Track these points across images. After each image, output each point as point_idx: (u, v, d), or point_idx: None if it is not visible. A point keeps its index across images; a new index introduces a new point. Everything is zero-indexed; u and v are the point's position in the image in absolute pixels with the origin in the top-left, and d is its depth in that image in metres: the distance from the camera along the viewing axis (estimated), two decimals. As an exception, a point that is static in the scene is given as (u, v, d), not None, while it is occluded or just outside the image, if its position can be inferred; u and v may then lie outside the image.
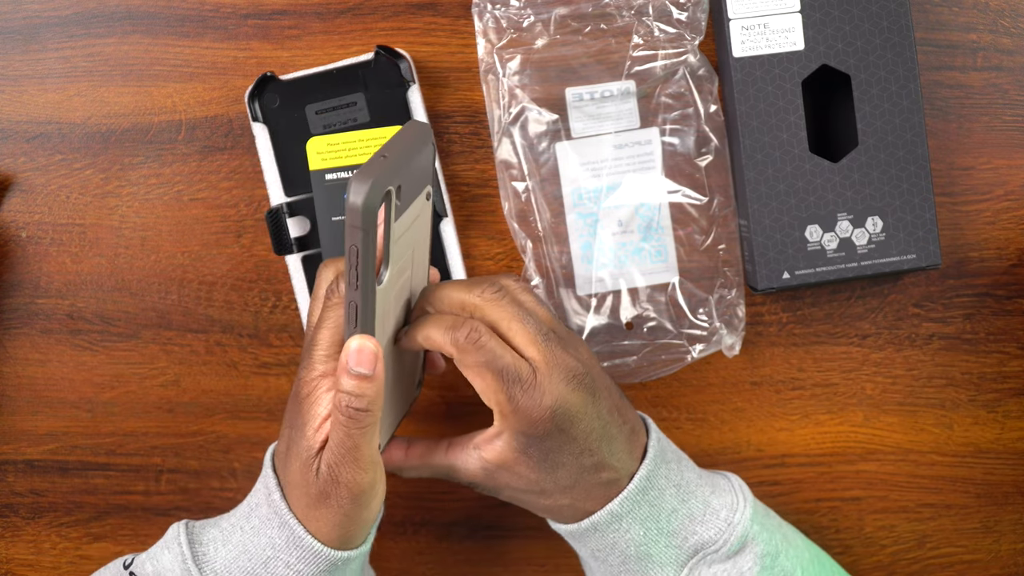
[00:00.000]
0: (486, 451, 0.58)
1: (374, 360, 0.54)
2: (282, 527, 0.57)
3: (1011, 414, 0.72)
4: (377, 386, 0.54)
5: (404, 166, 0.53)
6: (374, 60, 0.68)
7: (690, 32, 0.68)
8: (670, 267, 0.70)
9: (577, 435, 0.57)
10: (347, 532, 0.57)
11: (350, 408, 0.54)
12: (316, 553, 0.56)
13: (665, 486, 0.59)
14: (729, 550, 0.59)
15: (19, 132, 0.71)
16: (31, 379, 0.72)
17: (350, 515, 0.56)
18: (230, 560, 0.57)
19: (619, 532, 0.58)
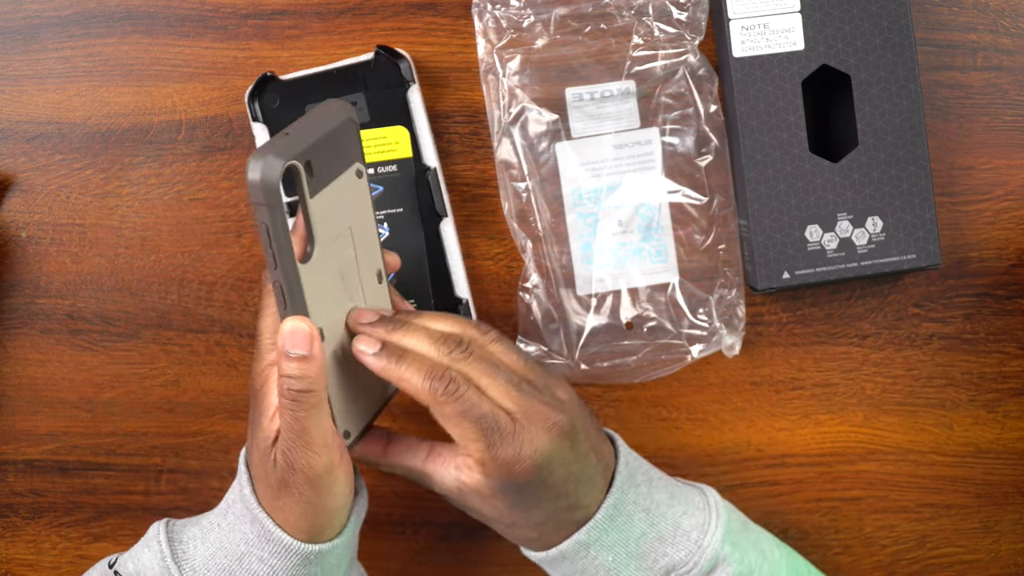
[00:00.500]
0: (464, 475, 0.57)
1: (308, 340, 0.53)
2: (253, 522, 0.57)
3: (1011, 414, 0.72)
4: (316, 366, 0.53)
5: (311, 142, 0.53)
6: (374, 60, 0.68)
7: (690, 32, 0.68)
8: (670, 267, 0.70)
9: (555, 482, 0.56)
10: (314, 522, 0.56)
11: (291, 391, 0.53)
12: (287, 547, 0.56)
13: (633, 511, 0.59)
14: (700, 572, 0.59)
15: (19, 132, 0.71)
16: (31, 379, 0.72)
17: (312, 502, 0.55)
18: (208, 557, 0.58)
19: (588, 559, 0.58)
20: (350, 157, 0.57)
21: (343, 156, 0.56)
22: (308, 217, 0.54)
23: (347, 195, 0.57)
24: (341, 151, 0.56)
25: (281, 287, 0.53)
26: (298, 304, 0.54)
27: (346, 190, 0.56)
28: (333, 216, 0.55)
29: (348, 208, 0.57)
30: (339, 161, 0.56)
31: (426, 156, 0.68)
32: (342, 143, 0.56)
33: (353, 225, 0.57)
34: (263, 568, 0.57)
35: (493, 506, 0.57)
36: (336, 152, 0.55)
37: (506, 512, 0.57)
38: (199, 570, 0.58)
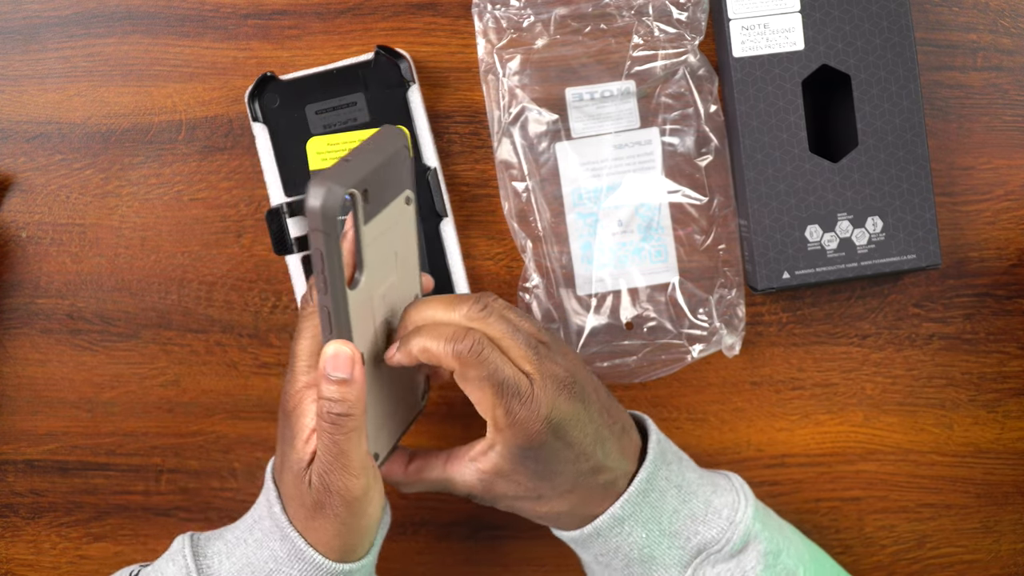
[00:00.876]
0: (482, 463, 0.57)
1: (351, 364, 0.53)
2: (283, 540, 0.57)
3: (1011, 414, 0.72)
4: (357, 390, 0.54)
5: (370, 169, 0.53)
6: (374, 60, 0.68)
7: (690, 32, 0.68)
8: (670, 267, 0.70)
9: (572, 441, 0.57)
10: (347, 542, 0.56)
11: (331, 414, 0.53)
12: (318, 566, 0.56)
13: (666, 487, 0.59)
14: (732, 549, 0.59)
15: (19, 132, 0.71)
16: (31, 379, 0.72)
17: (347, 524, 0.56)
18: (234, 573, 0.57)
19: (622, 536, 0.58)
20: (402, 184, 0.57)
21: (396, 183, 0.56)
22: (360, 244, 0.54)
23: (396, 221, 0.57)
24: (394, 178, 0.56)
25: (328, 312, 0.53)
26: (343, 329, 0.54)
27: (396, 216, 0.56)
28: (382, 242, 0.56)
29: (396, 234, 0.57)
30: (392, 188, 0.56)
31: (426, 156, 0.68)
32: (396, 170, 0.56)
33: (399, 250, 0.57)
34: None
35: (517, 483, 0.57)
36: (390, 179, 0.55)
37: (531, 485, 0.57)
38: None
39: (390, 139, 0.55)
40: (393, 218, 0.56)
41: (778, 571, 0.60)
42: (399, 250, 0.58)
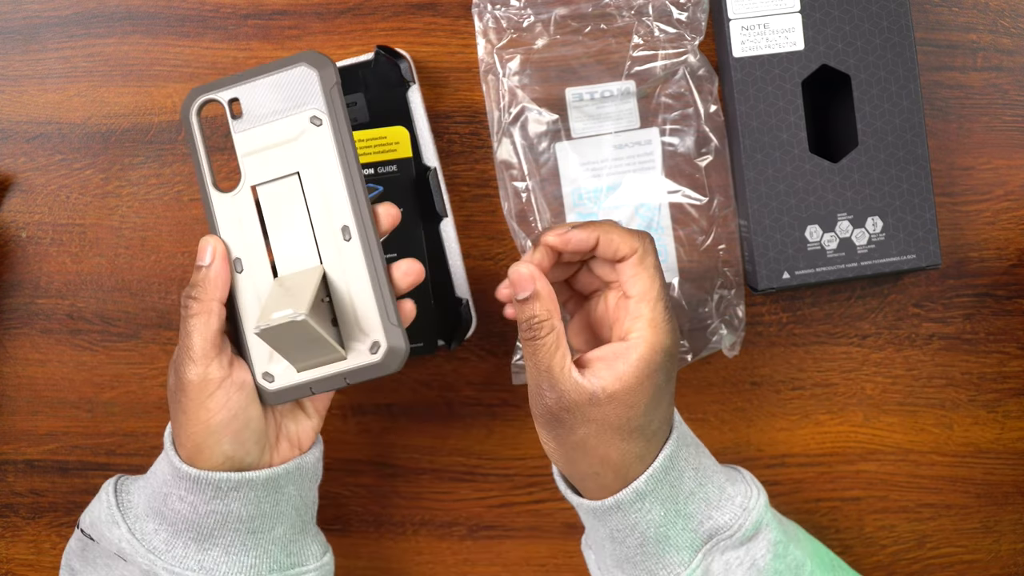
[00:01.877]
0: (628, 360, 0.57)
1: (211, 252, 0.58)
2: (167, 461, 0.59)
3: (1011, 414, 0.72)
4: (207, 274, 0.58)
5: (243, 83, 0.59)
6: (374, 60, 0.68)
7: (690, 32, 0.68)
8: (670, 267, 0.70)
9: (674, 376, 0.59)
10: (190, 439, 0.58)
11: (184, 297, 0.58)
12: (194, 479, 0.58)
13: (685, 468, 0.60)
14: (743, 536, 0.60)
15: (19, 132, 0.71)
16: (31, 379, 0.72)
17: (188, 412, 0.57)
18: (145, 503, 0.60)
19: (640, 512, 0.59)
20: (304, 103, 0.59)
21: (294, 101, 0.59)
22: (236, 151, 0.59)
23: (294, 140, 0.59)
24: (292, 96, 0.58)
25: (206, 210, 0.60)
26: (213, 229, 0.60)
27: (291, 135, 0.59)
28: (271, 157, 0.59)
29: (296, 154, 0.59)
30: (286, 105, 0.59)
31: (426, 156, 0.68)
32: (295, 88, 0.58)
33: (303, 172, 0.59)
34: (184, 506, 0.59)
35: (628, 405, 0.57)
36: (282, 96, 0.58)
37: (639, 410, 0.57)
38: (140, 516, 0.60)
39: (297, 60, 0.58)
40: (287, 135, 0.59)
41: (788, 562, 0.60)
42: (303, 171, 0.59)
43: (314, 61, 0.58)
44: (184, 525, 0.59)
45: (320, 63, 0.58)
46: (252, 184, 0.59)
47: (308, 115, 0.58)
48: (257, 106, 0.59)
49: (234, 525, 0.59)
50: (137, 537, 0.59)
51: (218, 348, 0.58)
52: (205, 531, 0.59)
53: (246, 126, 0.59)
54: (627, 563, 0.60)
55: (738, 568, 0.59)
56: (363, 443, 0.72)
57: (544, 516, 0.73)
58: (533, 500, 0.73)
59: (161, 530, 0.59)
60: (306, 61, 0.58)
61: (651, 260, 0.59)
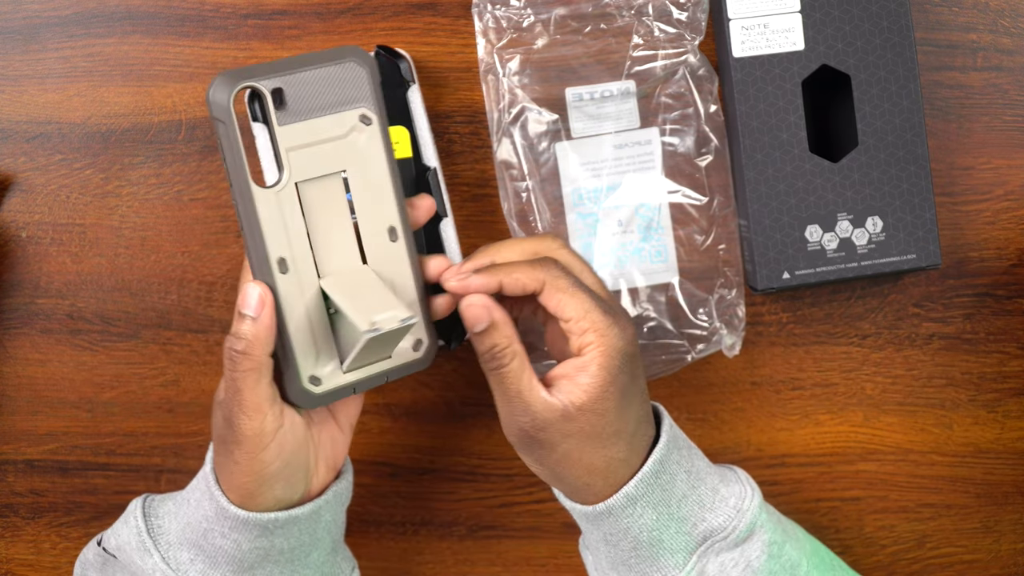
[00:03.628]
0: (587, 375, 0.56)
1: (261, 303, 0.54)
2: (211, 499, 0.58)
3: (1011, 414, 0.72)
4: (260, 330, 0.54)
5: (285, 71, 0.54)
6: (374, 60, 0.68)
7: (690, 32, 0.68)
8: (670, 267, 0.70)
9: (639, 372, 0.58)
10: (244, 485, 0.57)
11: (232, 350, 0.55)
12: (242, 520, 0.57)
13: (676, 471, 0.60)
14: (737, 537, 0.60)
15: (19, 132, 0.71)
16: (31, 379, 0.72)
17: (241, 464, 0.56)
18: (179, 531, 0.59)
19: (632, 516, 0.59)
20: (353, 100, 0.56)
21: (340, 96, 0.56)
22: (275, 144, 0.55)
23: (344, 138, 0.57)
24: (338, 91, 0.56)
25: (238, 208, 0.54)
26: (253, 228, 0.54)
27: (339, 132, 0.56)
28: (316, 154, 0.56)
29: (342, 152, 0.57)
30: (332, 100, 0.56)
31: (426, 156, 0.68)
32: (342, 84, 0.56)
33: (350, 171, 0.57)
34: (227, 543, 0.58)
35: (599, 413, 0.57)
36: (329, 91, 0.56)
37: (611, 417, 0.57)
38: (173, 544, 0.59)
39: (343, 54, 0.56)
40: (334, 132, 0.56)
41: (782, 562, 0.60)
42: (350, 171, 0.57)
43: (362, 58, 0.56)
44: (224, 559, 0.58)
45: (367, 61, 0.56)
46: (296, 180, 0.56)
47: (358, 113, 0.57)
48: (302, 99, 0.55)
49: (275, 557, 0.59)
50: (172, 567, 0.59)
51: (270, 399, 0.56)
52: (246, 565, 0.59)
53: (290, 119, 0.55)
54: (622, 566, 0.60)
55: (733, 569, 0.59)
56: (363, 443, 0.72)
57: (544, 516, 0.73)
58: (533, 500, 0.73)
59: (197, 561, 0.59)
60: (354, 58, 0.56)
61: (564, 282, 0.57)
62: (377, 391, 0.72)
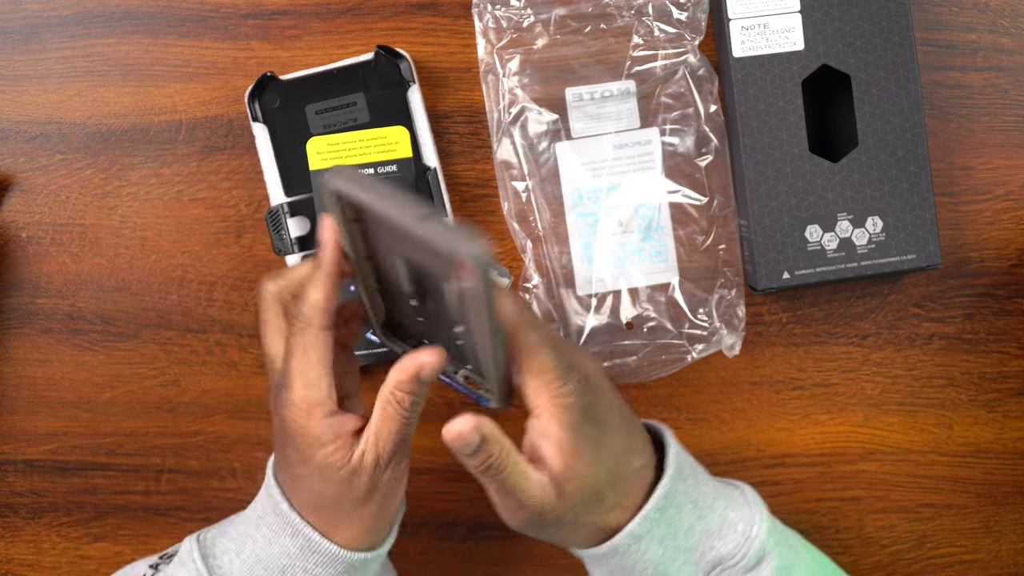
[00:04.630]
0: (547, 451, 0.55)
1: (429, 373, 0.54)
2: (295, 535, 0.56)
3: (1011, 414, 0.72)
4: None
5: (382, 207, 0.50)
6: (374, 60, 0.68)
7: (690, 32, 0.68)
8: (670, 267, 0.70)
9: (609, 408, 0.57)
10: (377, 532, 0.58)
11: (409, 401, 0.55)
12: (333, 556, 0.56)
13: (683, 502, 0.59)
14: (747, 565, 0.59)
15: (19, 132, 0.71)
16: (31, 379, 0.72)
17: (381, 513, 0.57)
18: (246, 570, 0.57)
19: (638, 553, 0.58)
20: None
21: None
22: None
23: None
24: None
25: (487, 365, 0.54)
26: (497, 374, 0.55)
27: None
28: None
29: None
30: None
31: (426, 156, 0.68)
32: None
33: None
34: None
35: (579, 472, 0.55)
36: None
37: (589, 471, 0.55)
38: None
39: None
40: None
41: None
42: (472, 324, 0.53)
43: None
44: None
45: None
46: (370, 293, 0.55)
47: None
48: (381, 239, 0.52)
49: None
50: None
51: (406, 448, 0.56)
52: None
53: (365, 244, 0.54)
54: None
55: None
56: (363, 443, 0.72)
57: (544, 516, 0.73)
58: (533, 500, 0.73)
59: None
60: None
61: (534, 337, 0.54)
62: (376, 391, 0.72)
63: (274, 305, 0.57)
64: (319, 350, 0.55)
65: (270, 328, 0.57)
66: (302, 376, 0.54)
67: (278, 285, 0.57)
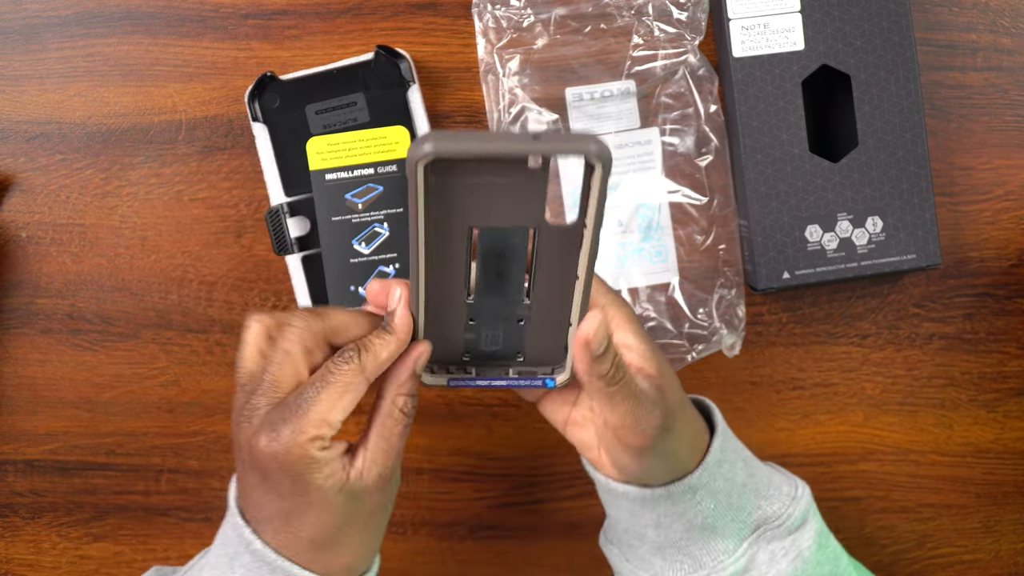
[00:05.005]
0: (635, 360, 0.55)
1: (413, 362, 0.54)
2: (274, 571, 0.53)
3: (1011, 414, 0.72)
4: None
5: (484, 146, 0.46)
6: (374, 60, 0.68)
7: (690, 32, 0.68)
8: (670, 267, 0.70)
9: None
10: (370, 554, 0.56)
11: (410, 407, 0.55)
12: None
13: (735, 460, 0.60)
14: (791, 525, 0.60)
15: (19, 132, 0.71)
16: (31, 379, 0.72)
17: (376, 535, 0.56)
18: None
19: (692, 503, 0.58)
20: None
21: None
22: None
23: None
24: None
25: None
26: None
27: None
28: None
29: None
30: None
31: (426, 156, 0.68)
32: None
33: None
34: None
35: (660, 360, 0.56)
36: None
37: (665, 364, 0.56)
38: None
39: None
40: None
41: (828, 553, 0.61)
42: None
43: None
44: None
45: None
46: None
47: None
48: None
49: None
50: None
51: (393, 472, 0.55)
52: None
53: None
54: (670, 548, 0.60)
55: (783, 558, 0.59)
56: (363, 443, 0.72)
57: (544, 516, 0.73)
58: (533, 500, 0.73)
59: None
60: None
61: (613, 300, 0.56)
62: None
63: (306, 339, 0.53)
64: (355, 396, 0.53)
65: (289, 359, 0.53)
66: (326, 411, 0.52)
67: (318, 323, 0.54)
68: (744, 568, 0.59)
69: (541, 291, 0.53)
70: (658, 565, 0.61)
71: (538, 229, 0.50)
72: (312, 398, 0.52)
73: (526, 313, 0.54)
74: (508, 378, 0.57)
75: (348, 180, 0.68)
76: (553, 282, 0.53)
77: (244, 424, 0.52)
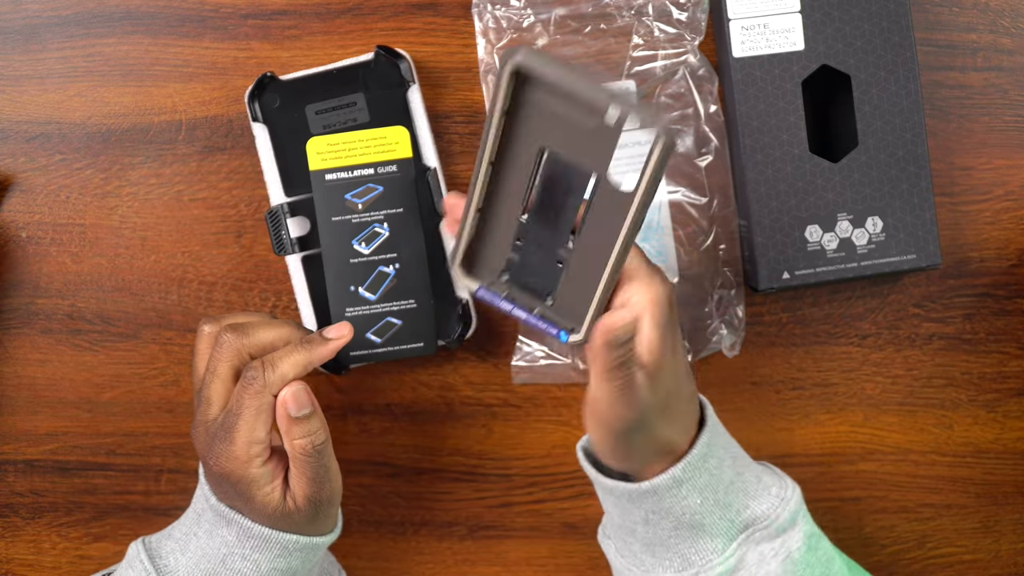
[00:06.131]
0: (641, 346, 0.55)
1: (308, 400, 0.58)
2: (230, 524, 0.60)
3: (1011, 414, 0.72)
4: (319, 417, 0.59)
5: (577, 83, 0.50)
6: (374, 60, 0.68)
7: (690, 32, 0.68)
8: (670, 267, 0.70)
9: (677, 323, 0.58)
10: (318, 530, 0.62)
11: (311, 447, 0.59)
12: (267, 539, 0.60)
13: (724, 456, 0.60)
14: (779, 527, 0.60)
15: (19, 132, 0.71)
16: (31, 379, 0.72)
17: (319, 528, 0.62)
18: (192, 565, 0.60)
19: (677, 498, 0.59)
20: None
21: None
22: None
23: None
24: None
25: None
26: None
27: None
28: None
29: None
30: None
31: (426, 156, 0.68)
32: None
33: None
34: (246, 564, 0.60)
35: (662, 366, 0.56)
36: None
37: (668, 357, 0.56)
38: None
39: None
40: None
41: (819, 555, 0.61)
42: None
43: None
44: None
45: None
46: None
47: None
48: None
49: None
50: None
51: (330, 462, 0.61)
52: None
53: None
54: (659, 546, 0.60)
55: (773, 559, 0.59)
56: (363, 443, 0.72)
57: (544, 516, 0.73)
58: (533, 500, 0.73)
59: None
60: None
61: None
62: (378, 392, 0.72)
63: (231, 359, 0.60)
64: (269, 413, 0.59)
65: (217, 378, 0.59)
66: (249, 435, 0.58)
67: (241, 341, 0.60)
68: (733, 568, 0.59)
69: (585, 242, 0.56)
70: (649, 562, 0.61)
71: (598, 180, 0.54)
72: (233, 426, 0.58)
73: (567, 256, 0.57)
74: (530, 313, 0.59)
75: (348, 180, 0.68)
76: (597, 238, 0.55)
77: (196, 435, 0.60)
